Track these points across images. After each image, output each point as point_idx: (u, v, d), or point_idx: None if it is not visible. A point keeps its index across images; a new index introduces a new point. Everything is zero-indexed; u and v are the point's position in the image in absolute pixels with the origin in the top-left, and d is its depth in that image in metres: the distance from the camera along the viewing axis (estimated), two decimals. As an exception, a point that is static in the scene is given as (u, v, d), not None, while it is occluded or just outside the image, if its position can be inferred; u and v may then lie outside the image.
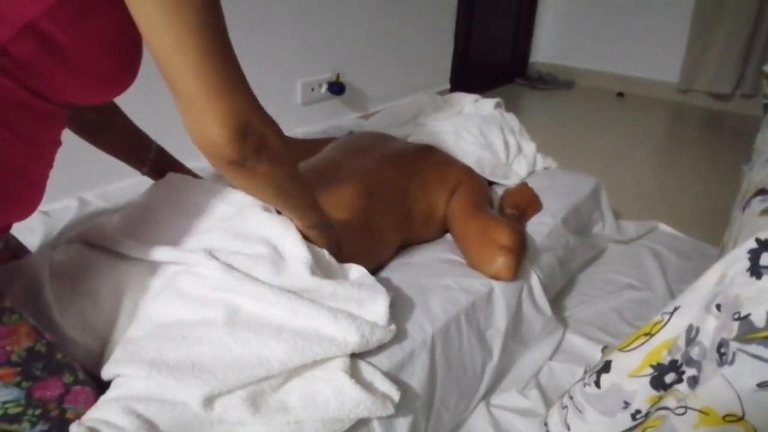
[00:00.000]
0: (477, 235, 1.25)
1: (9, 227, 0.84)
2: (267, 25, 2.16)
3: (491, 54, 3.95)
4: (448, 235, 1.39)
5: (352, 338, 0.89)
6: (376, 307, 0.96)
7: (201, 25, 0.68)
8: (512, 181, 1.65)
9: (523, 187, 1.57)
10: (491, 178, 1.63)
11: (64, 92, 0.78)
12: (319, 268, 0.99)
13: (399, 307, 1.06)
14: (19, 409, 0.75)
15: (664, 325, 0.76)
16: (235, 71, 0.73)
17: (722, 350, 0.67)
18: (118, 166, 1.21)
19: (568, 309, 1.52)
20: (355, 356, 0.92)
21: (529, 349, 1.31)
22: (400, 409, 0.92)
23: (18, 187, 0.77)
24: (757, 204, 0.89)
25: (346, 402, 0.83)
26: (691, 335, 0.72)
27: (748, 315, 0.67)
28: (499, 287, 1.20)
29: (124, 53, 0.79)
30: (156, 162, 1.17)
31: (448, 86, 3.35)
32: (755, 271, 0.69)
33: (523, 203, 1.49)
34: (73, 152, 1.10)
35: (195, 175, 1.19)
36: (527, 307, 1.28)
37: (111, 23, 0.74)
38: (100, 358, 0.91)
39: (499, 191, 1.63)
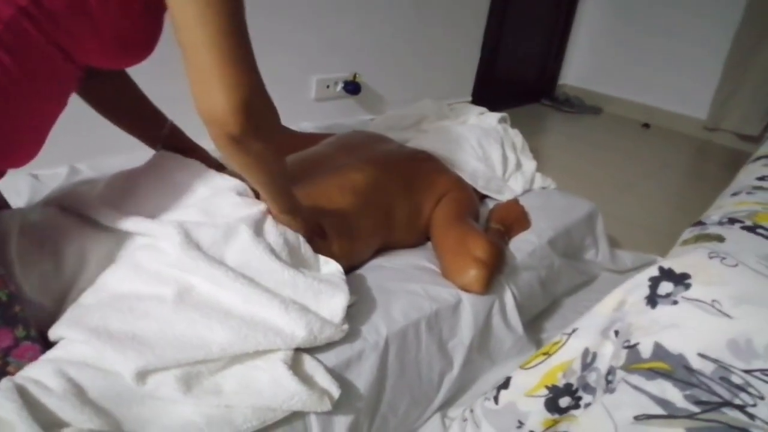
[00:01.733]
0: (453, 245, 1.24)
1: (3, 173, 0.87)
2: (288, 17, 2.18)
3: (519, 71, 3.92)
4: (430, 243, 1.38)
5: (299, 332, 0.89)
6: (333, 304, 0.96)
7: (222, 2, 0.73)
8: (506, 197, 1.63)
9: (513, 203, 1.55)
10: (484, 192, 1.62)
11: (85, 52, 0.82)
12: (287, 254, 0.99)
13: (357, 307, 1.06)
14: None
15: (562, 346, 0.75)
16: (247, 51, 0.78)
17: (609, 378, 0.66)
18: (113, 141, 1.23)
19: (546, 331, 1.49)
20: (300, 349, 0.92)
21: (495, 366, 1.30)
22: (341, 407, 0.91)
23: (20, 133, 0.81)
24: (687, 233, 0.87)
25: (280, 393, 0.83)
26: (587, 360, 0.70)
27: (637, 344, 0.66)
28: (467, 299, 1.19)
29: (146, 23, 0.85)
30: (170, 139, 1.19)
31: (469, 98, 3.33)
32: (652, 299, 0.68)
33: (510, 219, 1.47)
34: (72, 123, 1.13)
35: (208, 156, 1.20)
36: (497, 323, 1.27)
37: None
38: (53, 319, 0.92)
39: (492, 206, 1.61)
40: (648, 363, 0.63)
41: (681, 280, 0.69)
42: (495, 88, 3.65)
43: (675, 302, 0.67)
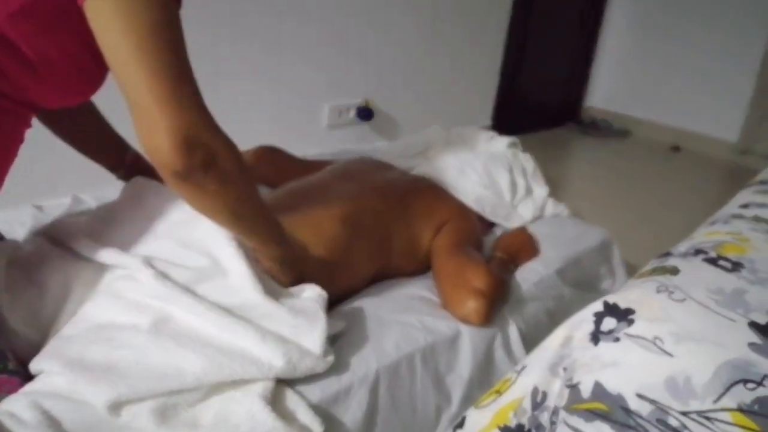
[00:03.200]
0: (451, 275, 1.21)
1: None
2: (298, 46, 2.21)
3: (542, 94, 3.89)
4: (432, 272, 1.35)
5: (277, 362, 0.87)
6: (313, 335, 0.93)
7: (155, 37, 0.71)
8: (514, 224, 1.59)
9: (520, 231, 1.51)
10: (491, 219, 1.58)
11: (28, 95, 0.82)
12: (262, 285, 0.98)
13: (348, 339, 1.03)
14: None
15: (512, 384, 0.71)
16: (188, 85, 0.75)
17: (553, 418, 0.62)
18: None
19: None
20: (282, 383, 0.90)
21: (499, 401, 1.25)
22: (327, 443, 0.88)
23: None
24: (648, 265, 0.84)
25: (258, 428, 0.81)
26: (538, 399, 0.66)
27: (578, 383, 0.62)
28: (467, 331, 1.15)
29: (88, 66, 0.82)
30: (132, 167, 1.20)
31: (489, 122, 3.30)
32: (595, 335, 0.65)
33: (516, 247, 1.43)
34: (75, 153, 1.15)
35: None
36: (500, 357, 1.22)
37: (75, 37, 0.77)
38: (38, 351, 0.92)
39: (500, 233, 1.57)
40: (587, 403, 0.60)
41: (625, 315, 0.66)
42: (517, 112, 3.62)
43: (617, 339, 0.64)
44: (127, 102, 0.74)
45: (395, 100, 2.65)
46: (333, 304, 1.12)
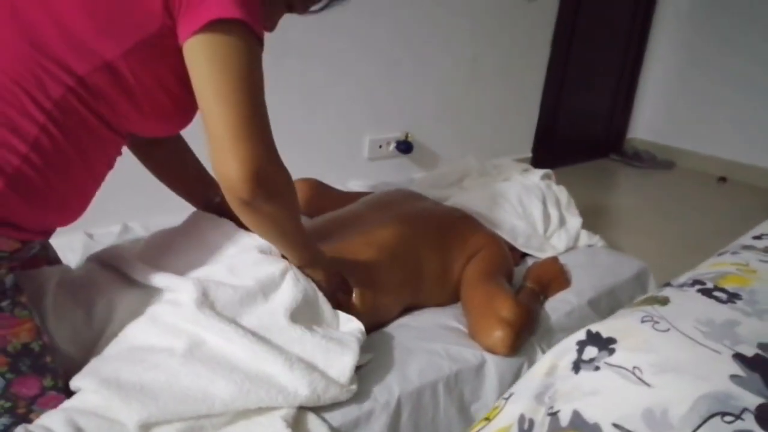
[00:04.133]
0: (479, 304, 1.22)
1: (52, 231, 0.96)
2: (342, 80, 2.28)
3: (583, 126, 3.86)
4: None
5: (302, 391, 0.89)
6: (342, 363, 0.96)
7: (240, 81, 0.81)
8: (547, 255, 1.59)
9: (551, 261, 1.50)
10: (524, 250, 1.58)
11: (126, 123, 0.92)
12: (302, 311, 1.01)
13: (371, 365, 1.05)
14: None
15: (500, 411, 0.70)
16: (262, 123, 0.84)
17: None
18: (165, 200, 1.31)
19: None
20: (305, 407, 0.92)
21: None
22: (347, 469, 0.90)
23: (68, 196, 0.90)
24: (650, 292, 0.82)
25: (278, 451, 0.83)
26: (525, 427, 0.66)
27: (558, 411, 0.62)
28: (492, 361, 1.15)
29: (183, 98, 0.92)
30: (218, 209, 1.25)
31: (529, 154, 3.30)
32: (576, 364, 0.64)
33: (547, 278, 1.43)
34: (126, 183, 1.22)
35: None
36: (528, 387, 1.21)
37: (174, 71, 0.88)
38: (79, 370, 0.97)
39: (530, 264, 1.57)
40: (565, 431, 0.60)
41: (606, 345, 0.66)
42: (558, 144, 3.61)
43: (597, 368, 0.64)
44: (206, 131, 0.83)
45: (435, 133, 2.69)
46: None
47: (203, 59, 0.80)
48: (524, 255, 1.62)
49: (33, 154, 0.80)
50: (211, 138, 0.82)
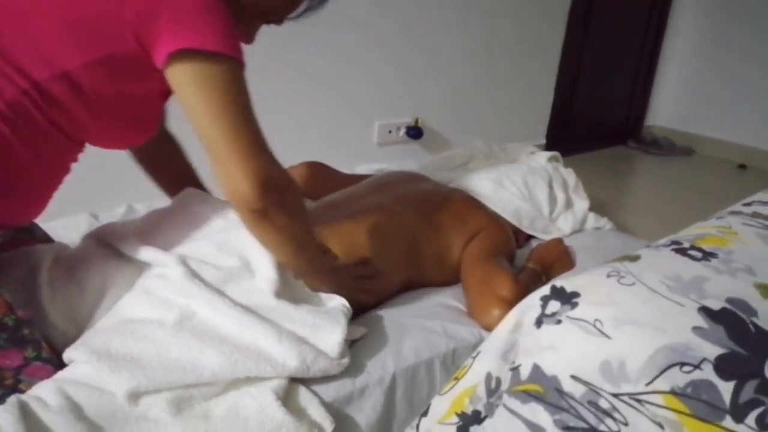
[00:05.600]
0: (478, 283, 1.21)
1: (5, 225, 0.96)
2: (351, 66, 2.27)
3: (600, 112, 3.81)
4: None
5: (291, 362, 0.89)
6: (331, 338, 0.95)
7: (229, 100, 0.84)
8: (552, 237, 1.56)
9: (555, 242, 1.48)
10: (529, 231, 1.56)
11: (83, 133, 0.93)
12: (286, 290, 1.01)
13: (366, 342, 1.05)
14: None
15: (468, 370, 0.69)
16: (258, 136, 0.88)
17: (496, 402, 0.60)
18: None
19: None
20: (297, 381, 0.92)
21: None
22: (339, 443, 0.89)
23: (24, 198, 0.91)
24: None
25: (267, 422, 0.83)
26: (492, 385, 0.64)
27: (519, 366, 0.61)
28: (491, 339, 1.14)
29: (144, 118, 0.96)
30: None
31: (543, 141, 3.26)
32: (539, 320, 0.63)
33: (550, 259, 1.40)
34: (132, 165, 1.24)
35: None
36: (528, 368, 1.20)
37: (141, 91, 0.90)
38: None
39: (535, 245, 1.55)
40: (524, 385, 0.58)
41: (569, 299, 0.65)
42: (574, 131, 3.56)
43: (558, 321, 0.63)
44: (206, 151, 0.86)
45: (445, 118, 2.67)
46: (360, 312, 1.14)
47: (190, 84, 0.83)
48: (530, 237, 1.60)
49: None
50: (215, 161, 0.85)
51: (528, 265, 1.36)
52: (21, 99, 0.82)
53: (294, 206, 0.96)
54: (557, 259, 1.42)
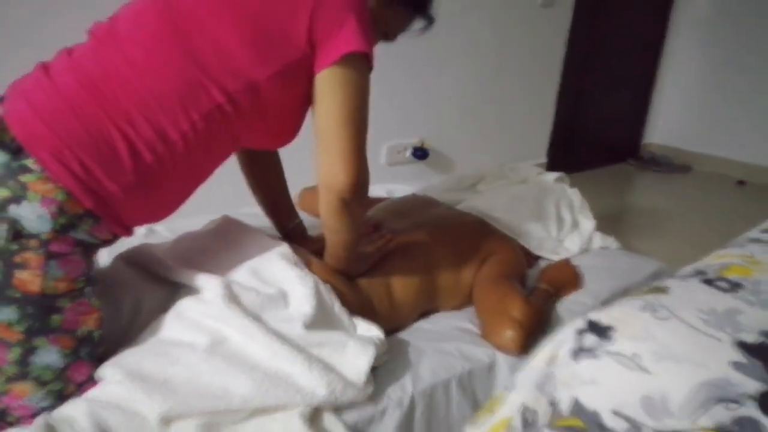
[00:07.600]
0: (491, 305, 1.24)
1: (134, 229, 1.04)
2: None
3: (600, 132, 3.86)
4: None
5: (320, 391, 0.91)
6: (358, 364, 0.98)
7: (357, 111, 0.98)
8: (561, 257, 1.59)
9: (564, 263, 1.51)
10: (538, 253, 1.59)
11: (252, 138, 1.05)
12: (320, 318, 1.03)
13: (386, 365, 1.07)
14: (49, 377, 0.87)
15: (503, 402, 0.71)
16: (364, 142, 1.00)
17: None
18: (189, 204, 1.35)
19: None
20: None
21: None
22: (361, 465, 0.92)
23: (174, 198, 1.02)
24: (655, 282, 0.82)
25: (294, 443, 0.86)
26: (528, 418, 0.66)
27: (559, 400, 0.62)
28: (504, 360, 1.17)
29: (296, 121, 1.07)
30: (294, 232, 1.39)
31: (545, 160, 3.30)
32: (576, 353, 0.65)
33: (561, 280, 1.43)
34: None
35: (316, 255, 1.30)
36: (541, 387, 1.23)
37: (301, 93, 1.00)
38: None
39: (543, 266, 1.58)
40: (566, 420, 0.60)
41: (605, 333, 0.67)
42: (574, 150, 3.61)
43: (596, 356, 0.64)
44: (319, 147, 0.98)
45: (450, 139, 2.72)
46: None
47: (334, 89, 0.95)
48: (538, 258, 1.63)
49: (167, 155, 0.91)
50: (323, 151, 0.98)
51: (540, 286, 1.39)
52: (214, 112, 0.92)
53: (364, 207, 1.11)
54: (567, 279, 1.45)
